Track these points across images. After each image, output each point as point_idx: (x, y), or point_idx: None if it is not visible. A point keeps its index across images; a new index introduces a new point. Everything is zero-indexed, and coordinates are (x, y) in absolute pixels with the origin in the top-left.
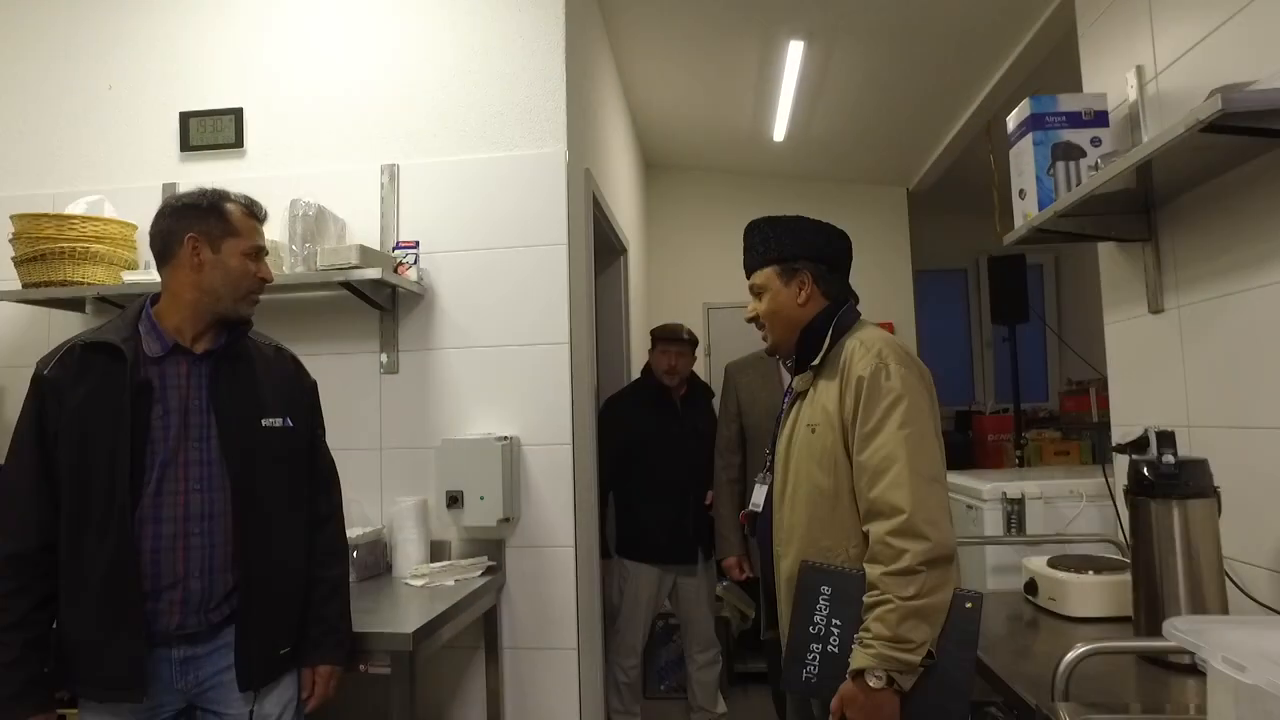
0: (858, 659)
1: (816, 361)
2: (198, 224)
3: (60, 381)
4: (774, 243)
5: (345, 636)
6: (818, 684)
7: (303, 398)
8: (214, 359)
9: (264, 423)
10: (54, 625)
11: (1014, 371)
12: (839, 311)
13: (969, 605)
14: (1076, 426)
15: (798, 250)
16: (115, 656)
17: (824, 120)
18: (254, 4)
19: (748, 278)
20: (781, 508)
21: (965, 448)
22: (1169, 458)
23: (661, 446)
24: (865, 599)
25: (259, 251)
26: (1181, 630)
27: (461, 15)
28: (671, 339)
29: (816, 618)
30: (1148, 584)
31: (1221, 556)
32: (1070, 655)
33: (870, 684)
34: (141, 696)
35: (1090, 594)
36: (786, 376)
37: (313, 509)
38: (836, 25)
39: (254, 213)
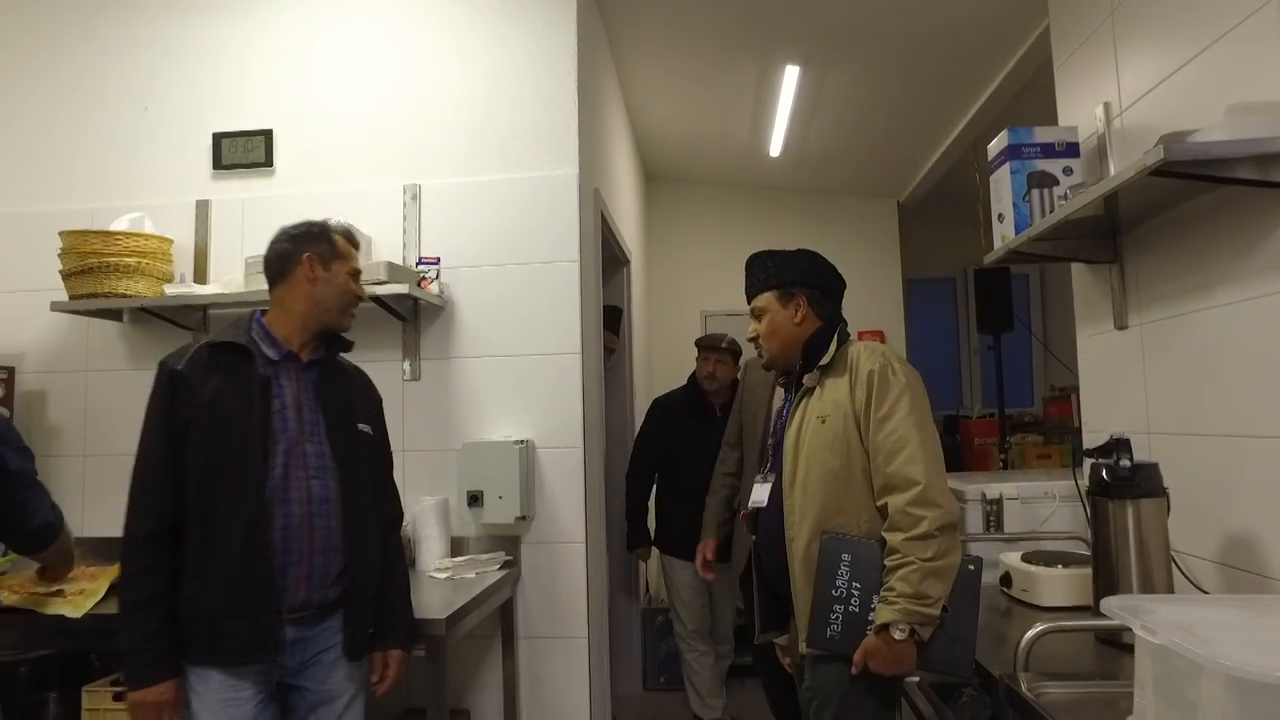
0: (883, 614)
1: (826, 361)
2: (312, 246)
3: (192, 376)
4: (773, 271)
5: (412, 625)
6: (840, 640)
7: (378, 411)
8: (318, 367)
9: (359, 426)
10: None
11: (999, 378)
12: (837, 328)
13: (971, 567)
14: (1059, 431)
15: (794, 277)
16: (247, 624)
17: (818, 137)
18: (284, 32)
19: (749, 303)
20: (792, 495)
21: (953, 451)
22: (1125, 462)
23: (694, 453)
24: (887, 562)
25: (357, 273)
26: (1115, 606)
27: (480, 45)
28: (711, 346)
29: (839, 581)
30: (1105, 574)
31: (1169, 549)
32: (1030, 633)
33: (895, 636)
34: (274, 657)
35: (1058, 585)
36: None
37: (386, 511)
38: (830, 52)
39: (353, 240)
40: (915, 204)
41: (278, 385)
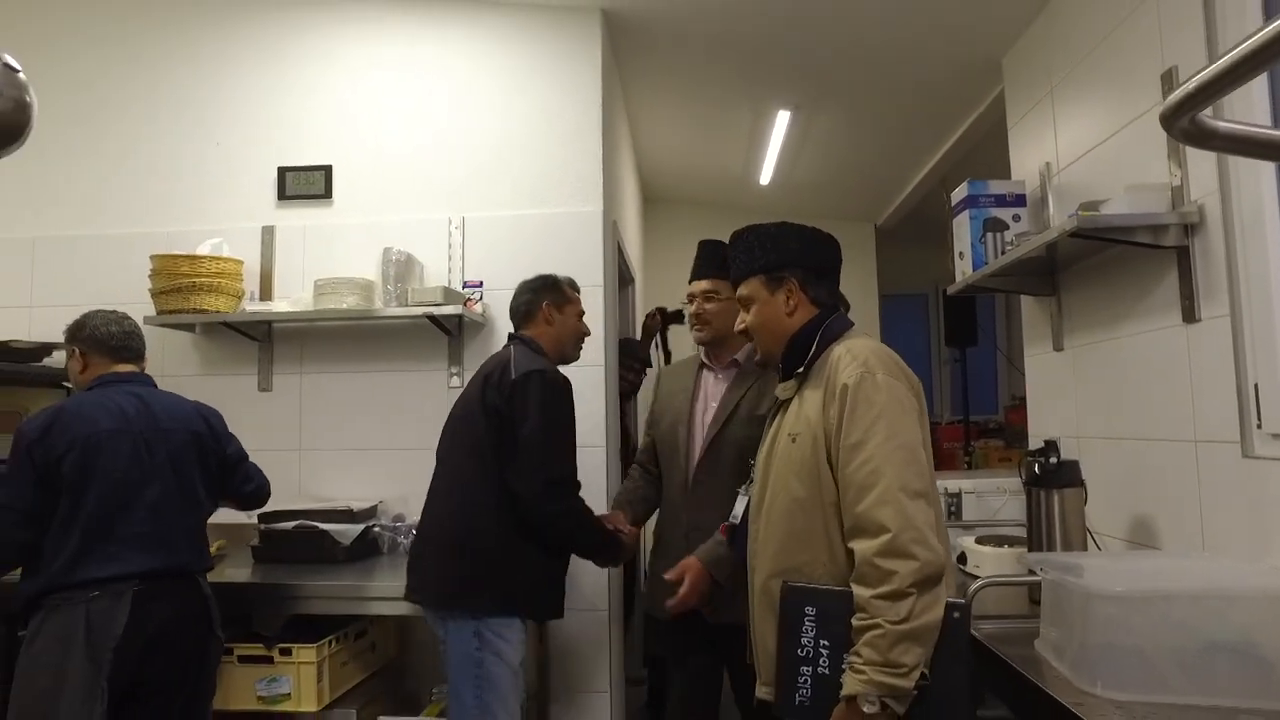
0: (850, 684)
1: (801, 369)
2: (548, 295)
3: None
4: (759, 251)
5: None
6: (811, 708)
7: None
8: None
9: None
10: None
11: (964, 388)
12: (828, 319)
13: (956, 615)
14: (1019, 436)
15: (783, 258)
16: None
17: (805, 169)
18: (342, 80)
19: (733, 289)
20: (758, 520)
21: None
22: (1052, 459)
23: None
24: (854, 621)
25: (581, 314)
26: (1029, 559)
27: (519, 97)
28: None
29: (804, 639)
30: (1035, 548)
31: (1086, 529)
32: (974, 586)
33: (865, 710)
34: None
35: (1002, 560)
36: (705, 381)
37: None
38: (818, 99)
39: (575, 288)
40: (891, 227)
41: None
